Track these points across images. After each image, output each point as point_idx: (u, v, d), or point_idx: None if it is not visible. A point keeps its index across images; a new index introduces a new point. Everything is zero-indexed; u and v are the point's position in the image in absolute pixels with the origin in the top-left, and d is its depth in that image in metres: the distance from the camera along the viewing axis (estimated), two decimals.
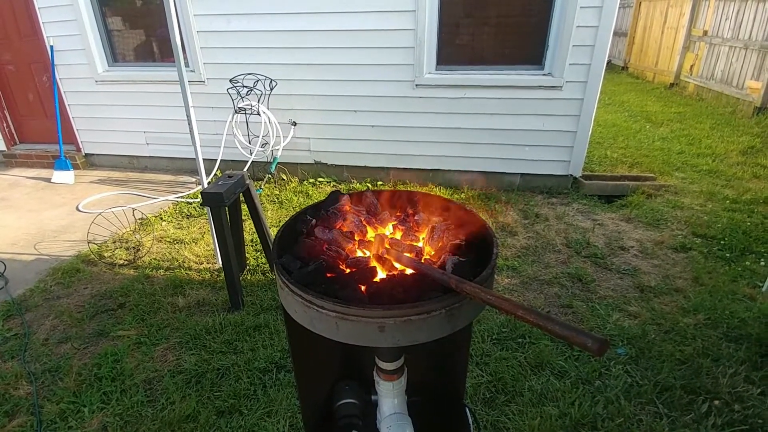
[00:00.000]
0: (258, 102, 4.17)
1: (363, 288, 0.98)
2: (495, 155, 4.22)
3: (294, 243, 1.15)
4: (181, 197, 4.26)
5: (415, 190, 3.90)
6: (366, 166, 4.55)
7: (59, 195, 4.46)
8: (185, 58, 4.38)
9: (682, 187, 4.15)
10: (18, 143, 5.47)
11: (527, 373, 2.12)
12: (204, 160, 2.79)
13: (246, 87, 4.14)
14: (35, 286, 2.90)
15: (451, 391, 1.48)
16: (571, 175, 4.18)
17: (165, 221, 3.79)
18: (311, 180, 4.63)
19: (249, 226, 3.23)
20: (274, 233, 2.99)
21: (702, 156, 4.99)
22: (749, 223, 3.42)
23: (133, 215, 3.79)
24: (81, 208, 4.12)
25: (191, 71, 4.43)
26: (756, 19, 6.54)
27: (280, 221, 3.69)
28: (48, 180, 4.82)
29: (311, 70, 4.20)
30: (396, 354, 1.19)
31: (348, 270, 1.06)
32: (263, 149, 4.31)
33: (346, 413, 1.37)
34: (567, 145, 4.04)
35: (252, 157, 4.28)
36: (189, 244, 3.38)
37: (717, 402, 1.92)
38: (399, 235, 1.22)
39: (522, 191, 4.25)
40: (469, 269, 0.99)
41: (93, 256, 3.22)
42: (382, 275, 1.06)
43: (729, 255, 3.04)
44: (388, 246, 1.11)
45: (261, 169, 4.69)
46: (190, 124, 2.61)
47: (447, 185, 4.40)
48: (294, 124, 4.46)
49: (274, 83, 4.23)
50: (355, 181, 4.58)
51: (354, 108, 4.30)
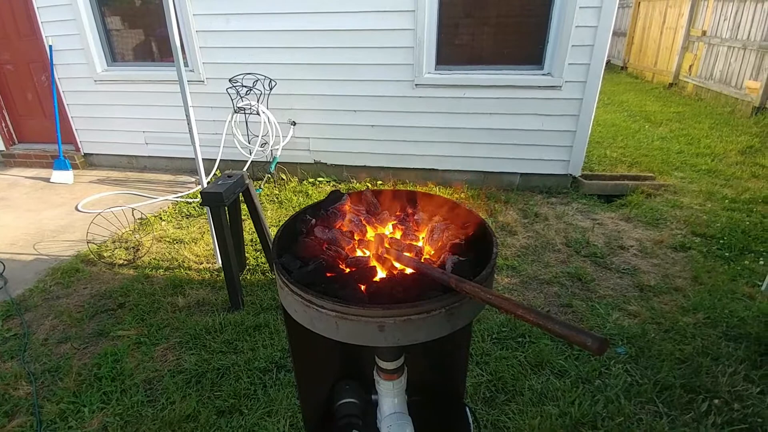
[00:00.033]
0: (257, 102, 4.16)
1: (363, 287, 0.98)
2: (494, 155, 4.22)
3: (294, 242, 1.15)
4: (181, 197, 4.26)
5: (415, 189, 3.91)
6: (365, 165, 4.55)
7: (58, 195, 4.46)
8: (184, 57, 4.38)
9: (681, 187, 4.16)
10: (17, 143, 5.46)
11: (527, 373, 2.12)
12: (203, 159, 2.79)
13: (245, 87, 4.14)
14: (34, 286, 2.90)
15: (451, 391, 1.48)
16: (571, 175, 4.19)
17: (164, 221, 3.79)
18: (311, 180, 4.63)
19: (249, 225, 3.23)
20: (273, 233, 2.99)
21: (701, 156, 5.00)
22: (748, 223, 3.42)
23: (133, 215, 3.79)
24: (80, 207, 4.11)
25: (190, 71, 4.43)
26: (754, 20, 6.55)
27: (279, 221, 3.69)
28: (47, 180, 4.82)
29: (311, 69, 4.20)
30: (396, 353, 1.19)
31: (348, 269, 1.06)
32: (263, 149, 4.31)
33: (346, 413, 1.37)
34: (566, 145, 4.04)
35: (251, 157, 4.28)
36: (189, 243, 3.38)
37: (717, 401, 1.93)
38: (399, 235, 1.22)
39: (521, 191, 4.25)
40: (469, 269, 0.99)
41: (92, 256, 3.22)
42: (381, 275, 1.06)
43: (728, 254, 3.04)
44: (387, 245, 1.11)
45: (260, 169, 4.68)
46: (189, 123, 2.61)
47: (447, 185, 4.40)
48: (293, 123, 4.46)
49: (273, 83, 4.23)
50: (355, 181, 4.58)
51: (353, 108, 4.30)
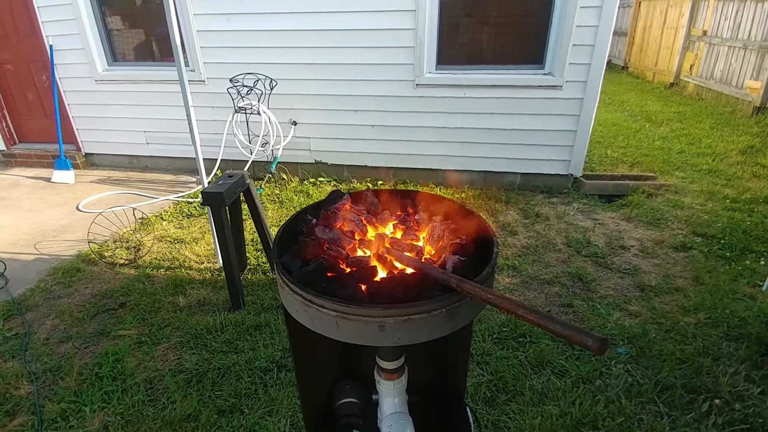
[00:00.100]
0: (258, 101, 4.16)
1: (363, 287, 0.98)
2: (495, 155, 4.22)
3: (294, 242, 1.15)
4: (182, 197, 4.26)
5: (416, 189, 3.90)
6: (366, 165, 4.55)
7: (59, 194, 4.46)
8: (185, 57, 4.38)
9: (682, 187, 4.16)
10: (17, 143, 5.47)
11: (528, 373, 2.12)
12: (204, 159, 2.80)
13: (246, 86, 4.14)
14: (35, 285, 2.90)
15: (452, 391, 1.48)
16: (572, 175, 4.18)
17: (165, 221, 3.79)
18: (312, 179, 4.63)
19: (249, 225, 3.23)
20: (274, 233, 2.99)
21: (702, 155, 4.99)
22: (749, 223, 3.42)
23: (134, 215, 3.79)
24: (81, 207, 4.12)
25: (191, 71, 4.43)
26: (755, 19, 6.54)
27: (280, 221, 3.69)
28: (48, 179, 4.82)
29: (311, 69, 4.20)
30: (396, 353, 1.19)
31: (348, 269, 1.06)
32: (263, 149, 4.31)
33: (346, 412, 1.37)
34: (567, 145, 4.04)
35: (252, 157, 4.28)
36: (189, 243, 3.38)
37: (717, 401, 1.92)
38: (399, 235, 1.22)
39: (522, 191, 4.25)
40: (470, 268, 0.99)
41: (93, 255, 3.22)
42: (382, 274, 1.06)
43: (729, 254, 3.04)
44: (388, 245, 1.11)
45: (261, 169, 4.69)
46: (190, 123, 2.61)
47: (447, 185, 4.40)
48: (294, 123, 4.46)
49: (274, 83, 4.23)
50: (356, 181, 4.58)
51: (354, 107, 4.30)
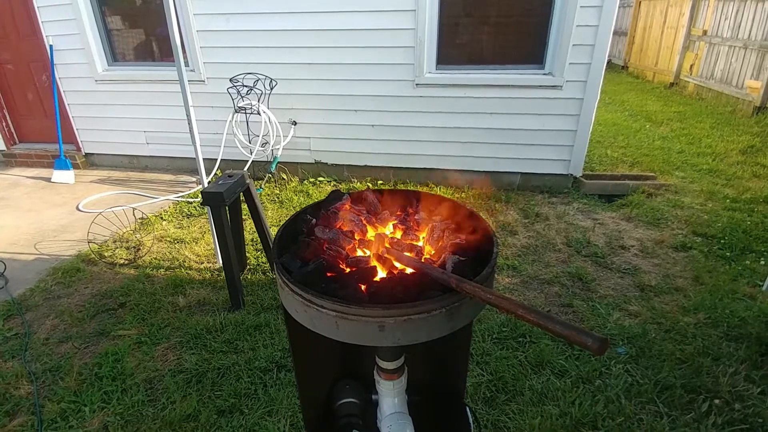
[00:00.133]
0: (258, 101, 4.16)
1: (363, 287, 0.98)
2: (495, 155, 4.22)
3: (294, 242, 1.15)
4: (182, 197, 4.26)
5: (416, 189, 3.90)
6: (366, 165, 4.55)
7: (59, 194, 4.46)
8: (185, 57, 4.38)
9: (682, 187, 4.15)
10: (17, 143, 5.47)
11: (528, 373, 2.12)
12: (204, 159, 2.79)
13: (246, 86, 4.14)
14: (35, 285, 2.90)
15: (452, 391, 1.48)
16: (572, 175, 4.18)
17: (165, 221, 3.79)
18: (311, 179, 4.63)
19: (249, 225, 3.23)
20: (274, 232, 2.99)
21: (702, 155, 4.99)
22: (749, 222, 3.42)
23: (134, 215, 3.79)
24: (81, 207, 4.12)
25: (191, 70, 4.43)
26: (755, 19, 6.54)
27: (280, 221, 3.69)
28: (48, 179, 4.82)
29: (311, 69, 4.20)
30: (396, 353, 1.19)
31: (348, 269, 1.06)
32: (263, 149, 4.31)
33: (346, 412, 1.37)
34: (567, 145, 4.04)
35: (252, 157, 4.28)
36: (189, 243, 3.38)
37: (717, 401, 1.92)
38: (399, 235, 1.22)
39: (522, 190, 4.25)
40: (470, 268, 0.99)
41: (93, 255, 3.22)
42: (382, 274, 1.06)
43: (729, 254, 3.04)
44: (388, 245, 1.11)
45: (261, 169, 4.68)
46: (190, 123, 2.61)
47: (447, 184, 4.40)
48: (294, 123, 4.46)
49: (274, 83, 4.23)
50: (356, 181, 4.57)
51: (354, 107, 4.30)
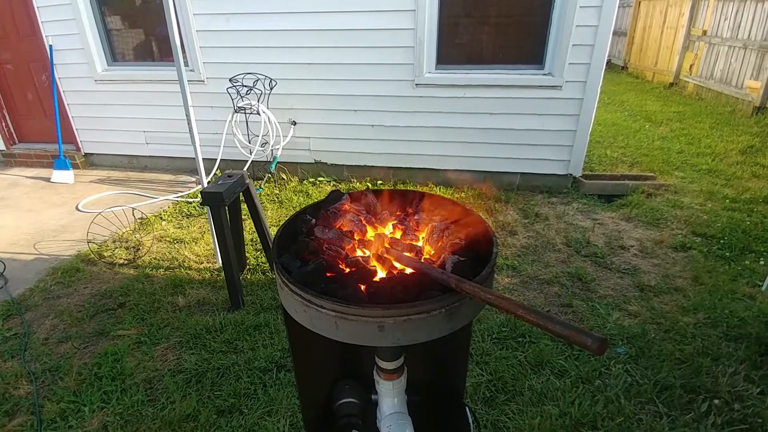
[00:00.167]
0: (258, 101, 4.16)
1: (363, 287, 0.98)
2: (495, 155, 4.22)
3: (294, 242, 1.15)
4: (181, 197, 4.26)
5: (415, 189, 3.90)
6: (366, 165, 4.55)
7: (59, 194, 4.46)
8: (185, 57, 4.37)
9: (681, 187, 4.16)
10: (17, 143, 5.46)
11: (527, 373, 2.12)
12: (204, 159, 2.79)
13: (246, 86, 4.14)
14: (35, 285, 2.90)
15: (451, 391, 1.48)
16: (571, 175, 4.18)
17: (165, 221, 3.79)
18: (311, 179, 4.63)
19: (249, 225, 3.23)
20: (274, 232, 2.99)
21: (701, 155, 4.99)
22: (749, 222, 3.42)
23: (133, 215, 3.79)
24: (81, 207, 4.11)
25: (191, 70, 4.43)
26: (755, 19, 6.55)
27: (280, 220, 3.69)
28: (47, 179, 4.82)
29: (311, 69, 4.20)
30: (396, 353, 1.19)
31: (348, 269, 1.06)
32: (263, 149, 4.31)
33: (346, 412, 1.37)
34: (567, 145, 4.04)
35: (252, 157, 4.28)
36: (189, 243, 3.38)
37: (717, 401, 1.92)
38: (399, 235, 1.22)
39: (522, 190, 4.25)
40: (469, 268, 0.99)
41: (93, 255, 3.22)
42: (381, 275, 1.06)
43: (728, 254, 3.04)
44: (387, 245, 1.11)
45: (261, 169, 4.68)
46: (189, 123, 2.61)
47: (447, 185, 4.40)
48: (294, 123, 4.46)
49: (273, 82, 4.23)
50: (355, 181, 4.57)
51: (354, 107, 4.30)
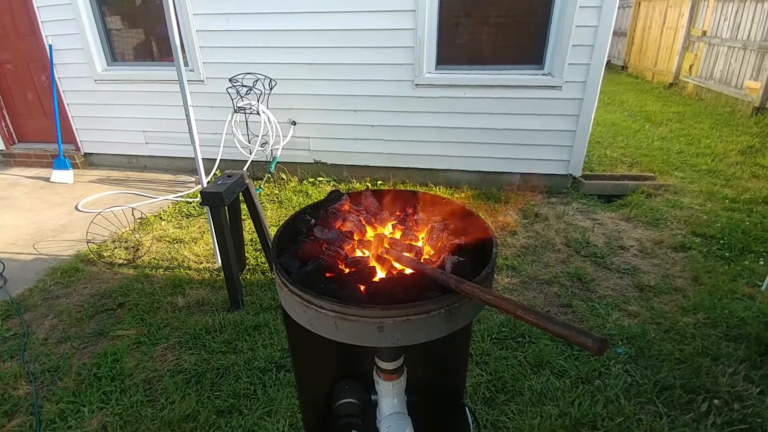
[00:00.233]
0: (257, 101, 4.16)
1: (362, 288, 0.98)
2: (495, 155, 4.22)
3: (293, 243, 1.15)
4: (181, 197, 4.26)
5: (415, 189, 3.91)
6: (366, 165, 4.54)
7: (58, 194, 4.46)
8: (184, 57, 4.37)
9: (681, 187, 4.16)
10: (17, 142, 5.46)
11: (527, 373, 2.12)
12: (203, 159, 2.79)
13: (245, 86, 4.14)
14: (34, 285, 2.90)
15: (451, 391, 1.48)
16: (571, 175, 4.18)
17: (164, 221, 3.79)
18: (311, 179, 4.62)
19: (248, 225, 3.23)
20: (273, 233, 2.99)
21: (701, 156, 4.99)
22: (748, 223, 3.42)
23: (133, 215, 3.79)
24: (80, 207, 4.11)
25: (190, 70, 4.43)
26: (754, 20, 6.55)
27: (279, 221, 3.69)
28: (47, 179, 4.82)
29: (311, 69, 4.20)
30: (395, 354, 1.19)
31: (347, 270, 1.06)
32: (263, 149, 4.30)
33: (345, 413, 1.37)
34: (567, 145, 4.04)
35: (251, 157, 4.28)
36: (188, 243, 3.37)
37: (716, 401, 1.92)
38: (398, 235, 1.22)
39: (522, 191, 4.25)
40: (469, 269, 0.99)
41: (92, 255, 3.22)
42: (381, 275, 1.06)
43: (728, 254, 3.04)
44: (387, 246, 1.11)
45: (260, 169, 4.68)
46: (189, 123, 2.61)
47: (447, 185, 4.40)
48: (293, 123, 4.45)
49: (273, 83, 4.22)
50: (355, 181, 4.57)
51: (354, 107, 4.30)
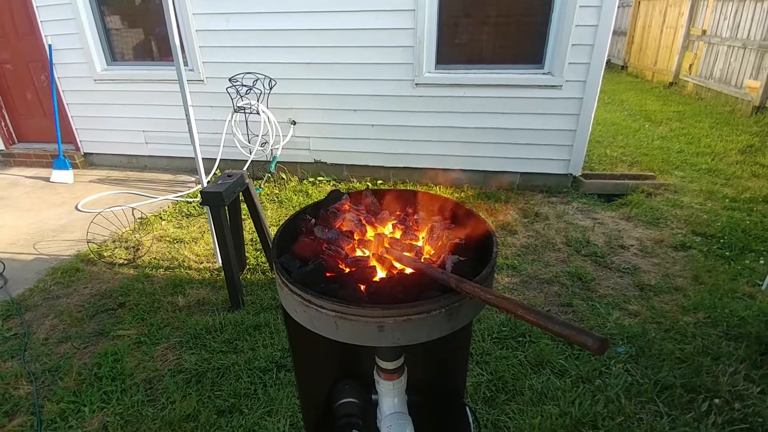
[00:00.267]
0: (257, 101, 4.16)
1: (362, 287, 0.98)
2: (495, 154, 4.22)
3: (293, 242, 1.14)
4: (181, 196, 4.26)
5: (415, 189, 3.90)
6: (366, 165, 4.54)
7: (58, 194, 4.46)
8: (184, 57, 4.37)
9: (681, 186, 4.16)
10: (16, 142, 5.46)
11: (527, 372, 2.12)
12: (203, 159, 2.79)
13: (245, 86, 4.13)
14: (35, 285, 2.90)
15: (452, 390, 1.48)
16: (571, 174, 4.18)
17: (164, 220, 3.79)
18: (311, 179, 4.62)
19: (249, 225, 3.23)
20: (273, 232, 2.99)
21: (701, 155, 4.99)
22: (748, 222, 3.42)
23: (133, 214, 3.79)
24: (80, 207, 4.11)
25: (190, 70, 4.43)
26: (754, 19, 6.55)
27: (279, 220, 3.69)
28: (47, 179, 4.81)
29: (311, 69, 4.20)
30: (396, 353, 1.19)
31: (347, 269, 1.06)
32: (263, 148, 4.30)
33: (346, 412, 1.37)
34: (567, 144, 4.04)
35: (251, 157, 4.28)
36: (189, 243, 3.37)
37: (717, 400, 1.92)
38: (398, 235, 1.22)
39: (522, 190, 4.25)
40: (469, 268, 0.99)
41: (92, 255, 3.22)
42: (381, 274, 1.06)
43: (728, 253, 3.04)
44: (387, 245, 1.11)
45: (260, 169, 4.68)
46: (189, 123, 2.61)
47: (447, 184, 4.40)
48: (293, 123, 4.45)
49: (273, 82, 4.22)
50: (355, 180, 4.57)
51: (354, 107, 4.30)
